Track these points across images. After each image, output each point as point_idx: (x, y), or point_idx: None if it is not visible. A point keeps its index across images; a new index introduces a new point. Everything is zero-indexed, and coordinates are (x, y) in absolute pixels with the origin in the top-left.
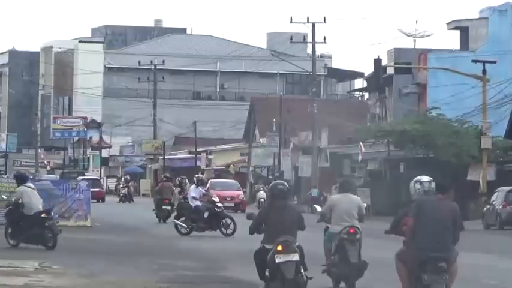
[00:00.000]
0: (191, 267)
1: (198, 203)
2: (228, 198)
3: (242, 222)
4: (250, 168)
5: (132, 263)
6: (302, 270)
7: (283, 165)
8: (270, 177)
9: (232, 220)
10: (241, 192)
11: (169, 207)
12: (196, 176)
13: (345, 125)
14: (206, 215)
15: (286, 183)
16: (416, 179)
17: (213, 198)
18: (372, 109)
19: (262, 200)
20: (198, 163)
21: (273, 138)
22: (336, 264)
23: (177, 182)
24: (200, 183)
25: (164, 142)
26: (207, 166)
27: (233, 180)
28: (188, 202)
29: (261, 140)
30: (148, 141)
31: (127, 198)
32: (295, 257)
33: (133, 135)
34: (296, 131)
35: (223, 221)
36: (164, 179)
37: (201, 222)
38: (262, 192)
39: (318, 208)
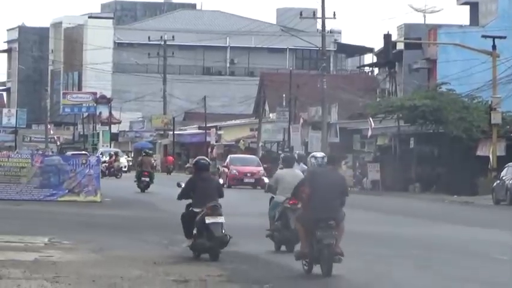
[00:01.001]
0: None
1: None
2: (248, 174)
3: (260, 198)
4: (260, 144)
5: (142, 238)
6: (224, 230)
7: (292, 140)
8: (280, 152)
9: None
10: (261, 168)
11: (147, 179)
12: (297, 152)
13: (355, 100)
14: None
15: (207, 158)
16: (311, 154)
17: None
18: (381, 84)
19: None
20: (208, 138)
21: (283, 114)
22: (278, 230)
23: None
24: (301, 160)
25: (174, 117)
26: (216, 141)
27: (253, 156)
28: None
29: (270, 115)
30: (157, 117)
31: (103, 173)
32: (221, 219)
33: (143, 111)
34: (306, 106)
35: None
36: (144, 154)
37: None
38: None
39: (266, 180)
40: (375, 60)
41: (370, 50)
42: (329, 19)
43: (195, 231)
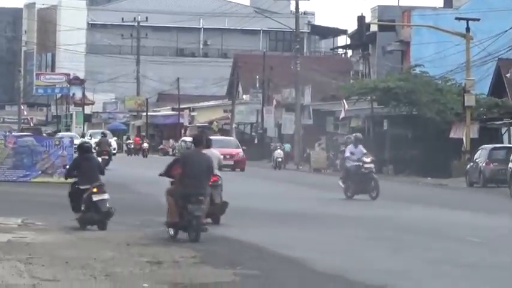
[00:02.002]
0: None
1: (353, 163)
2: (227, 156)
3: (235, 180)
4: (233, 125)
5: (115, 219)
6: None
7: (266, 122)
8: (253, 134)
9: (377, 182)
10: (240, 150)
11: (106, 157)
12: (354, 134)
13: (328, 82)
14: (359, 176)
15: (90, 142)
16: (182, 139)
17: (362, 158)
18: (355, 66)
19: (280, 159)
20: (181, 120)
21: (256, 95)
22: None
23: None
24: (358, 142)
25: (147, 99)
26: (190, 123)
27: (232, 138)
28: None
29: (244, 97)
30: (131, 98)
31: None
32: (106, 196)
33: (116, 92)
34: (279, 88)
35: (372, 183)
36: (101, 135)
37: (353, 184)
38: (279, 151)
39: None
40: (349, 42)
41: (344, 32)
42: (303, 1)
43: (83, 207)
